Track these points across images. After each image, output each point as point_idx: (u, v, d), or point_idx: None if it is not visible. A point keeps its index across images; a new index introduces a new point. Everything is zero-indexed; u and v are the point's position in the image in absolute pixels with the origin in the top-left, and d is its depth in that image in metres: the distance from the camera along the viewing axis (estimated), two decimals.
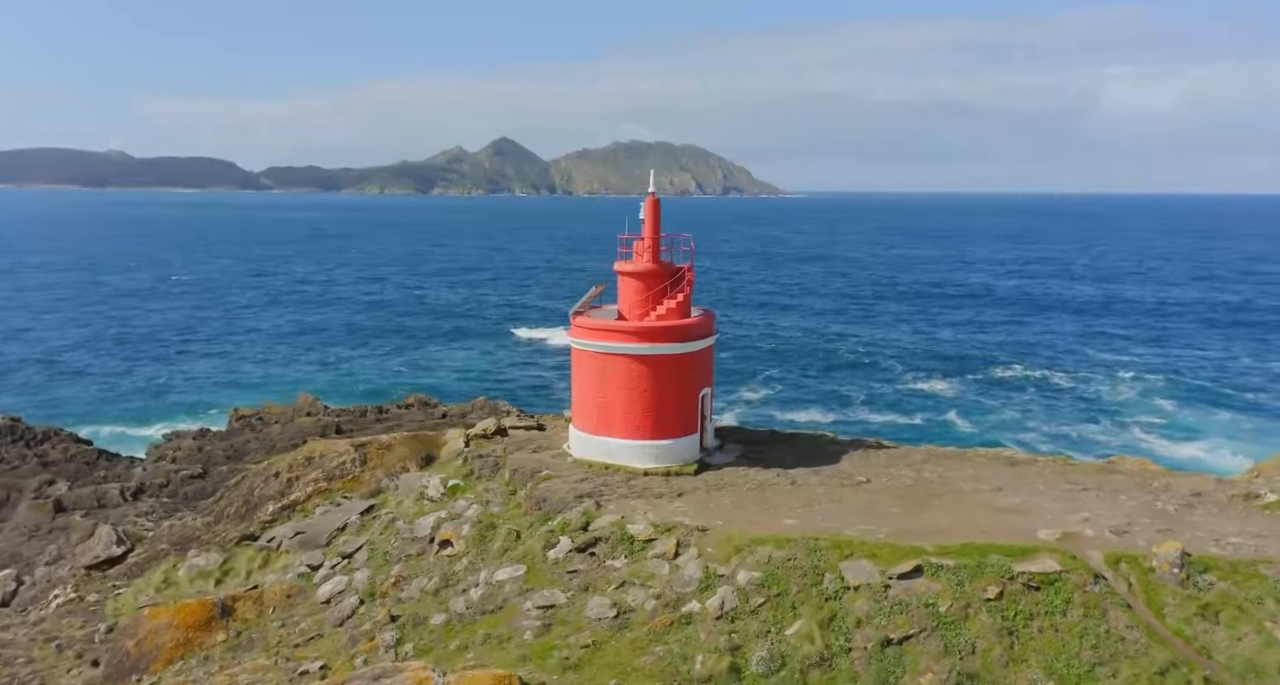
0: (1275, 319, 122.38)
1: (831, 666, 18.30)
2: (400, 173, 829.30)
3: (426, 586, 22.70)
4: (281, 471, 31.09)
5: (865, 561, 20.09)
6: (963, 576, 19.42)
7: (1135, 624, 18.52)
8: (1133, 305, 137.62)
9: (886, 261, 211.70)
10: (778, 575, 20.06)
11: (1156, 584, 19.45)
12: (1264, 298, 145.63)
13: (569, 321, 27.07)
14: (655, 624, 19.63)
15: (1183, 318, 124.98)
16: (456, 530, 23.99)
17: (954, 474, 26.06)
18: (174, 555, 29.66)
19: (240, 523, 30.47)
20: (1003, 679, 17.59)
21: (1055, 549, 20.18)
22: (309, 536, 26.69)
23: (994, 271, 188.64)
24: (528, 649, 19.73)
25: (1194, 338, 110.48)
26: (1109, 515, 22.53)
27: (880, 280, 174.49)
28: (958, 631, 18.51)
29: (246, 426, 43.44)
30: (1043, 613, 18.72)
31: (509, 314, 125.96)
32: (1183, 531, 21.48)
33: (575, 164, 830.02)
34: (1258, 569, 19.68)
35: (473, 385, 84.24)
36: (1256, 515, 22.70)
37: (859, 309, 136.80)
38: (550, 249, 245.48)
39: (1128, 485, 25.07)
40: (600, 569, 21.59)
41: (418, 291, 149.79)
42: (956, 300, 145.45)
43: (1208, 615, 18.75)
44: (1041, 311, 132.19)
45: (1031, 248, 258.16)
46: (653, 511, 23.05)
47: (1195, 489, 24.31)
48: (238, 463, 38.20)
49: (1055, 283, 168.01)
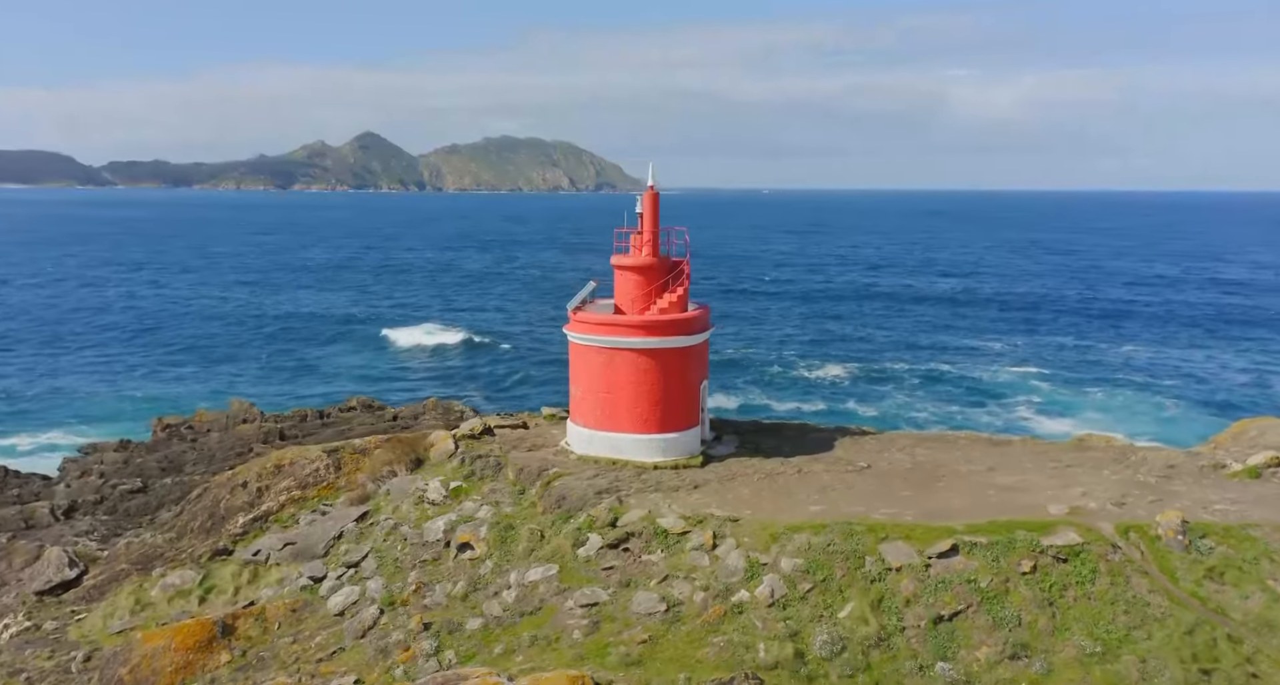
0: (1122, 308, 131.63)
1: (890, 646, 18.87)
2: (257, 168, 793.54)
3: (453, 592, 22.06)
4: (250, 481, 29.47)
5: (902, 543, 20.77)
6: (996, 552, 20.35)
7: (1156, 589, 19.84)
8: (998, 296, 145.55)
9: (768, 258, 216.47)
10: (820, 561, 20.50)
11: (1164, 551, 20.89)
12: (1111, 289, 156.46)
13: (567, 317, 26.78)
14: (709, 615, 19.74)
15: (1041, 308, 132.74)
16: (475, 533, 23.40)
17: (945, 456, 27.18)
18: (137, 575, 27.69)
19: (207, 537, 28.74)
20: (1052, 648, 18.55)
21: (1073, 522, 21.39)
22: (301, 547, 25.45)
23: (864, 267, 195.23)
24: (581, 648, 19.49)
25: (1055, 326, 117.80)
26: (1102, 489, 24.01)
27: (762, 276, 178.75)
28: (1002, 605, 19.39)
29: (174, 436, 40.82)
30: (1074, 583, 19.82)
31: (401, 315, 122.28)
32: (1172, 501, 23.13)
33: (445, 159, 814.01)
34: (1248, 532, 21.40)
35: (378, 387, 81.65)
36: (1228, 483, 24.67)
37: (752, 306, 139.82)
38: (426, 246, 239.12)
39: (1106, 460, 26.78)
40: (637, 564, 21.52)
41: (291, 293, 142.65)
42: (837, 294, 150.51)
43: (1214, 577, 20.27)
44: (913, 303, 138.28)
45: (896, 243, 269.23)
46: (676, 504, 23.12)
47: (1169, 461, 26.20)
48: (177, 475, 35.89)
49: (923, 278, 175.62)
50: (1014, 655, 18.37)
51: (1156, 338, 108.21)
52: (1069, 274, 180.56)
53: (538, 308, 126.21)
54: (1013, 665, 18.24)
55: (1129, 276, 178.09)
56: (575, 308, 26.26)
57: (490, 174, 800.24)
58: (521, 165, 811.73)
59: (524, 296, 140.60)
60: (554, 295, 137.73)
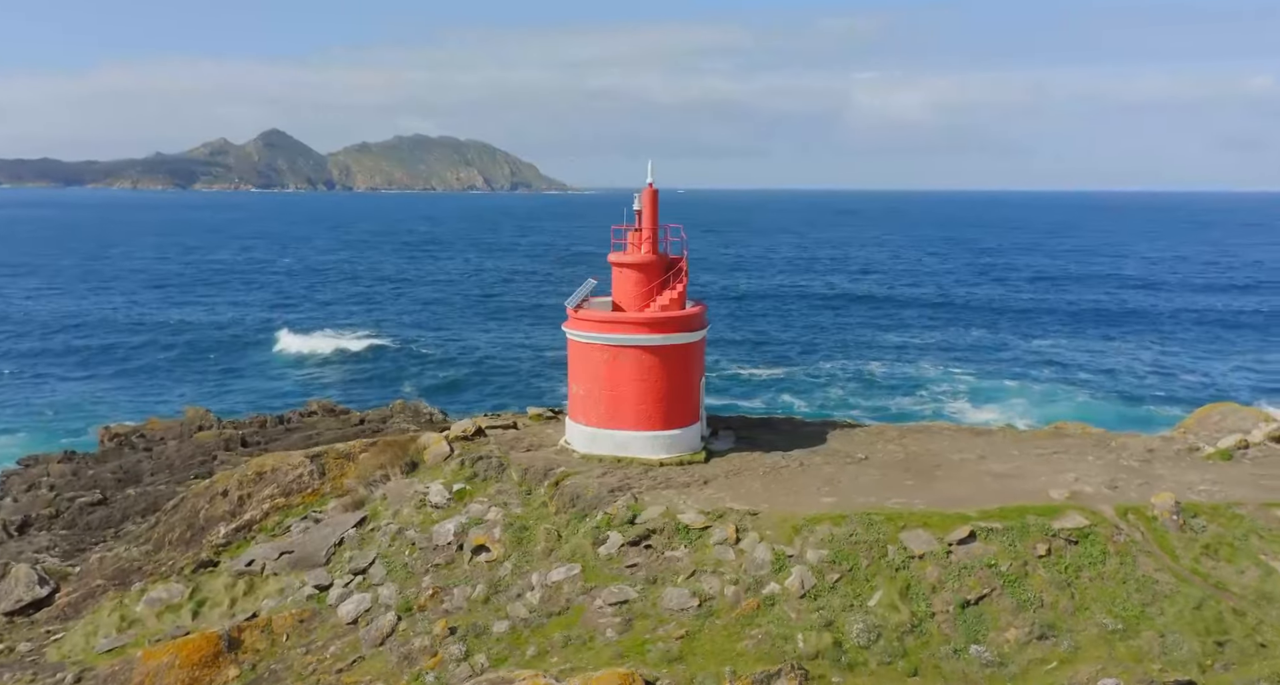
0: (1030, 303, 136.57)
1: (922, 631, 19.34)
2: (154, 166, 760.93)
3: (473, 595, 21.70)
4: (230, 490, 28.37)
5: (921, 531, 21.31)
6: (1012, 537, 21.06)
7: (1161, 567, 20.82)
8: (913, 293, 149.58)
9: (705, 260, 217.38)
10: (845, 551, 20.88)
11: (1162, 530, 21.92)
12: (1019, 285, 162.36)
13: (565, 315, 26.60)
14: (743, 609, 19.90)
15: (955, 304, 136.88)
16: (489, 534, 23.06)
17: (935, 446, 27.94)
18: (114, 591, 26.41)
19: (188, 549, 27.59)
20: (1076, 627, 19.29)
21: (1078, 507, 22.27)
22: (300, 556, 24.65)
23: (785, 266, 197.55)
24: (618, 646, 19.43)
25: (969, 320, 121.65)
26: (1092, 474, 25.05)
27: (693, 279, 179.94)
28: (1023, 588, 20.08)
29: (125, 445, 38.97)
30: (1086, 564, 20.65)
31: (320, 319, 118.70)
32: (1159, 483, 24.27)
33: (355, 158, 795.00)
34: (1234, 511, 22.61)
35: (308, 393, 79.31)
36: (1204, 465, 26.01)
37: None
38: (341, 247, 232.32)
39: (1087, 446, 27.92)
40: (661, 561, 21.54)
41: (200, 298, 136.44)
42: (761, 293, 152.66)
43: (1210, 554, 21.36)
44: (834, 300, 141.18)
45: (812, 242, 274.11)
46: (690, 500, 23.22)
47: (1147, 446, 27.48)
48: (136, 485, 34.28)
49: (840, 277, 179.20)
50: (1041, 635, 19.05)
51: (1065, 331, 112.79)
52: (978, 271, 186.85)
53: (461, 309, 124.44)
54: (1041, 645, 18.91)
55: (1035, 272, 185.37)
56: (576, 306, 26.09)
57: (403, 173, 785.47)
58: (435, 164, 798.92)
59: (446, 297, 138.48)
60: (478, 297, 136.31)
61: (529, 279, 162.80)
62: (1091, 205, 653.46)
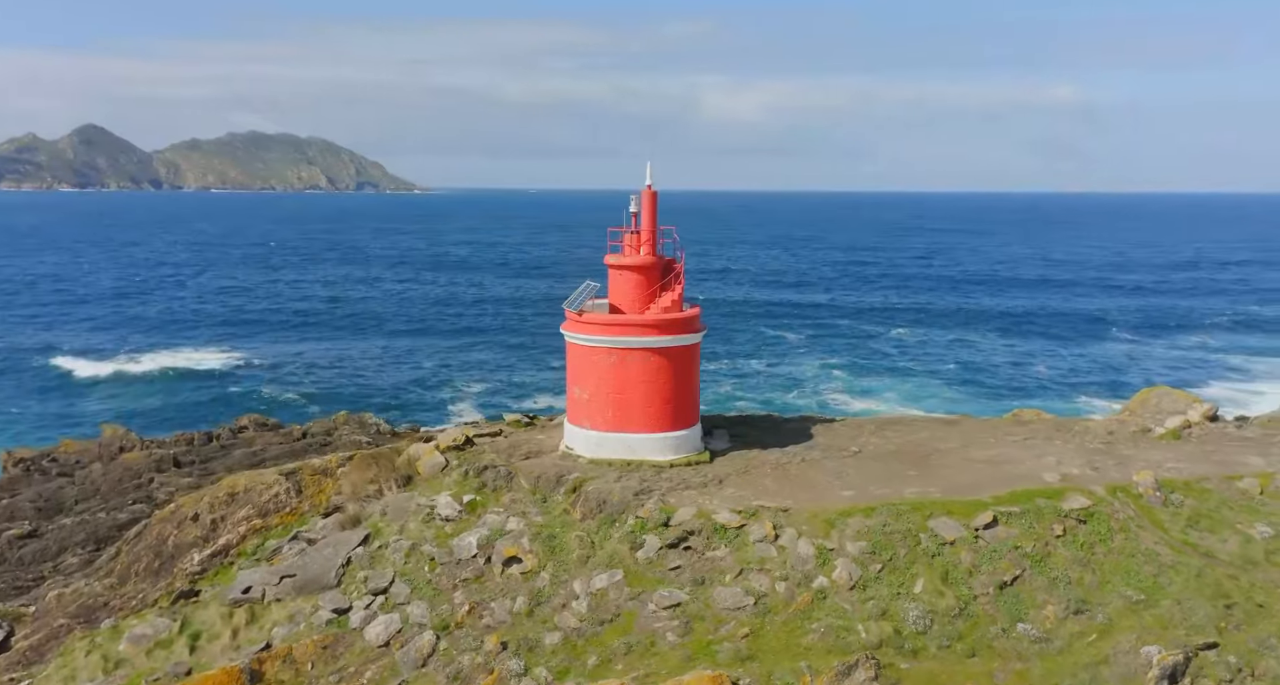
0: (881, 301, 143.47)
1: (969, 614, 20.27)
2: None
3: (514, 608, 21.14)
4: (201, 513, 26.44)
5: (946, 518, 22.30)
6: (1029, 520, 22.35)
7: (1158, 540, 22.58)
8: (770, 291, 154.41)
9: (565, 260, 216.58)
10: (882, 542, 21.61)
11: (1149, 507, 23.78)
12: (866, 283, 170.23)
13: (565, 318, 26.24)
14: (799, 604, 20.29)
15: (813, 303, 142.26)
16: (519, 545, 22.50)
17: (916, 436, 29.19)
18: (81, 629, 24.17)
19: (158, 579, 25.57)
20: (1105, 600, 20.66)
21: (1076, 488, 23.84)
22: (305, 580, 23.26)
23: None
24: (685, 649, 19.45)
25: (831, 317, 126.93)
26: (1069, 457, 26.80)
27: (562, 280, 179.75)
28: (1049, 567, 21.35)
29: (35, 471, 35.43)
30: (1097, 541, 22.17)
31: (162, 331, 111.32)
32: (1131, 463, 26.25)
33: (184, 156, 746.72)
34: (1203, 485, 24.79)
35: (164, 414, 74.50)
36: (1160, 445, 28.33)
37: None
38: (179, 250, 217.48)
39: (1051, 431, 29.86)
40: (703, 561, 21.66)
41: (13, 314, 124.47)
42: None
43: (1194, 526, 23.33)
44: (706, 302, 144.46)
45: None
46: (716, 500, 23.43)
47: (1107, 429, 29.66)
48: (65, 515, 31.25)
49: (704, 276, 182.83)
50: (1077, 610, 20.32)
51: (921, 326, 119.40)
52: (838, 270, 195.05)
53: (324, 320, 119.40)
54: (1078, 619, 20.17)
55: (882, 269, 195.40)
56: (580, 310, 25.79)
57: (238, 172, 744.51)
58: (274, 163, 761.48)
59: (289, 304, 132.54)
60: (330, 303, 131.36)
61: (395, 285, 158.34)
62: (923, 205, 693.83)
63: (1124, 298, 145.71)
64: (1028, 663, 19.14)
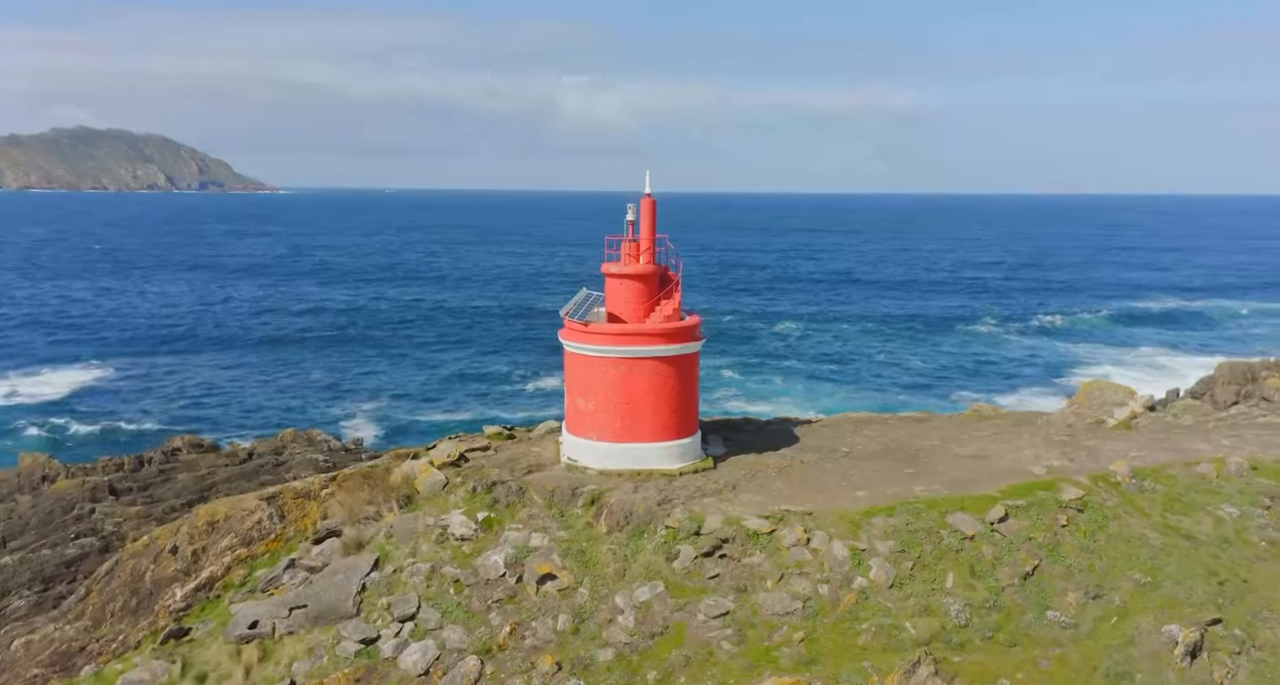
0: (766, 308, 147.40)
1: (1000, 605, 21.19)
2: None
3: (557, 627, 20.70)
4: (180, 545, 24.61)
5: (961, 514, 23.25)
6: (1036, 512, 23.57)
7: (1145, 525, 24.26)
8: None
9: (442, 263, 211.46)
10: (908, 540, 22.33)
11: (1129, 494, 25.50)
12: (740, 284, 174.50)
13: (568, 329, 25.85)
14: (845, 605, 20.73)
15: (699, 310, 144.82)
16: (551, 561, 22.02)
17: (896, 435, 30.25)
18: (56, 678, 22.14)
19: (138, 618, 23.70)
20: (1117, 585, 21.99)
21: (1064, 479, 25.28)
22: (320, 610, 21.99)
23: (518, 274, 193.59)
24: (745, 657, 19.56)
25: (720, 317, 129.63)
26: (1043, 449, 28.41)
27: (439, 280, 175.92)
28: (1062, 555, 22.58)
29: None
30: (1096, 528, 23.59)
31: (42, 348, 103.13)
32: (1099, 453, 28.05)
33: (2, 152, 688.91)
34: (1169, 471, 26.80)
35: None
36: (1116, 435, 30.37)
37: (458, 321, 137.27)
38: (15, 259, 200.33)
39: (1013, 425, 31.53)
40: (741, 568, 21.80)
41: None
42: (497, 295, 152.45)
43: (1171, 510, 25.12)
44: None
45: (539, 244, 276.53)
46: (738, 506, 23.62)
47: (1065, 422, 31.55)
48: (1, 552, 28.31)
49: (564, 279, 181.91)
50: (1095, 595, 21.59)
51: (802, 326, 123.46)
52: (717, 268, 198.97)
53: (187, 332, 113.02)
54: (1098, 604, 21.43)
55: (765, 270, 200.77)
56: (586, 320, 25.43)
57: (65, 170, 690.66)
58: (105, 161, 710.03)
59: (142, 313, 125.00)
60: (181, 313, 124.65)
61: (256, 293, 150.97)
62: (783, 206, 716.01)
63: (977, 295, 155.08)
64: (1063, 648, 20.22)
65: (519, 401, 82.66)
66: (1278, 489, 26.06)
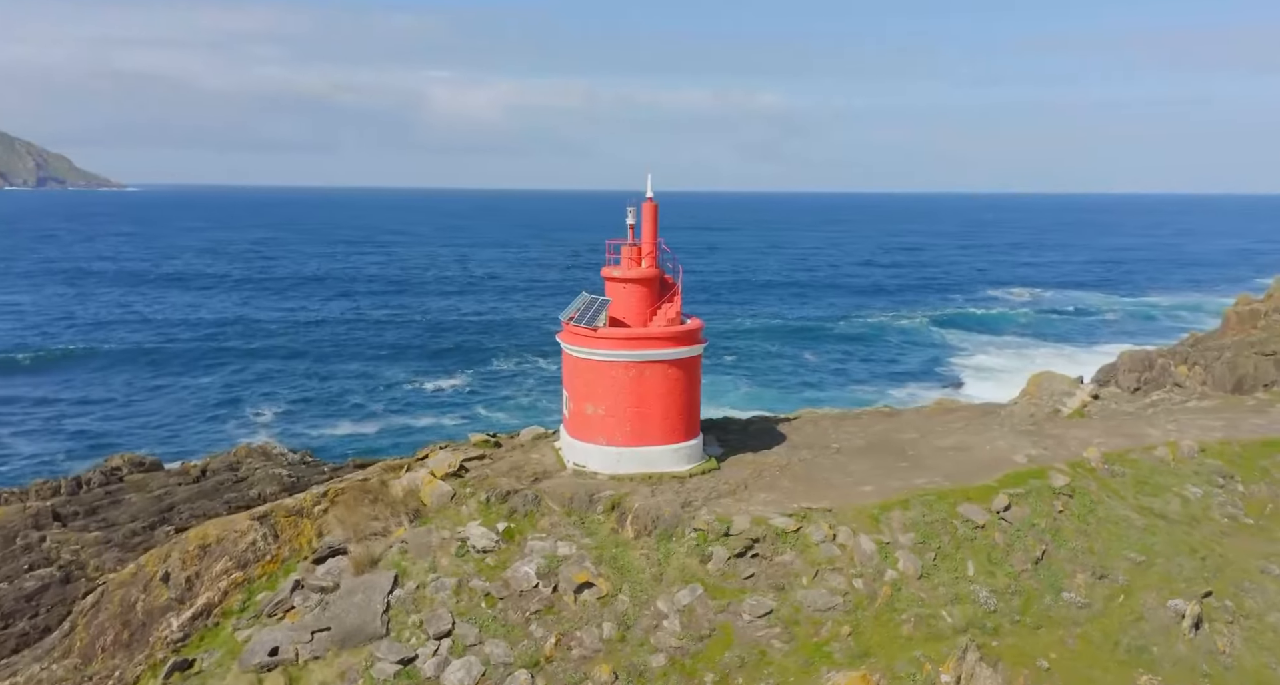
0: None
1: (1020, 589, 22.27)
2: None
3: (603, 635, 20.50)
4: (172, 572, 23.01)
5: (969, 505, 24.29)
6: (1034, 500, 24.84)
7: (1126, 508, 25.96)
8: (515, 291, 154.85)
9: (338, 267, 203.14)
10: (926, 532, 23.18)
11: (1104, 478, 27.22)
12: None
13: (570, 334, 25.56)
14: (882, 598, 21.34)
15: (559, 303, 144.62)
16: (586, 569, 21.76)
17: (875, 429, 31.25)
18: None
19: (132, 652, 22.08)
20: (1116, 565, 23.45)
21: (1050, 467, 26.72)
22: (346, 632, 21.01)
23: (391, 274, 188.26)
24: (800, 655, 19.90)
25: None
26: (1014, 439, 29.92)
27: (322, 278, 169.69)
28: (1064, 539, 23.89)
29: None
30: (1086, 512, 25.07)
31: None
32: (1065, 442, 29.78)
33: None
34: (1131, 457, 28.72)
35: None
36: (1073, 423, 32.26)
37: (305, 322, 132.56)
38: None
39: (980, 417, 33.05)
40: (773, 566, 22.12)
41: None
42: (424, 297, 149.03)
43: (1142, 492, 26.99)
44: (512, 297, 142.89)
45: (421, 243, 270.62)
46: (757, 505, 23.96)
47: (1028, 412, 33.27)
48: None
49: (444, 280, 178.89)
50: (1100, 575, 22.95)
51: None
52: (561, 269, 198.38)
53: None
54: (1103, 584, 22.80)
55: None
56: (595, 326, 25.18)
57: None
58: None
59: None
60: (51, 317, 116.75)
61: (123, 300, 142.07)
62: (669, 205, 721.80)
63: (854, 294, 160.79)
64: (1083, 627, 21.43)
65: (419, 408, 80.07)
66: (1227, 469, 28.32)
